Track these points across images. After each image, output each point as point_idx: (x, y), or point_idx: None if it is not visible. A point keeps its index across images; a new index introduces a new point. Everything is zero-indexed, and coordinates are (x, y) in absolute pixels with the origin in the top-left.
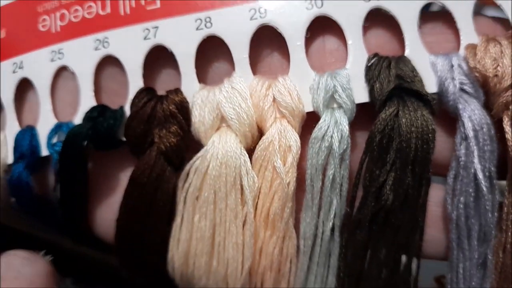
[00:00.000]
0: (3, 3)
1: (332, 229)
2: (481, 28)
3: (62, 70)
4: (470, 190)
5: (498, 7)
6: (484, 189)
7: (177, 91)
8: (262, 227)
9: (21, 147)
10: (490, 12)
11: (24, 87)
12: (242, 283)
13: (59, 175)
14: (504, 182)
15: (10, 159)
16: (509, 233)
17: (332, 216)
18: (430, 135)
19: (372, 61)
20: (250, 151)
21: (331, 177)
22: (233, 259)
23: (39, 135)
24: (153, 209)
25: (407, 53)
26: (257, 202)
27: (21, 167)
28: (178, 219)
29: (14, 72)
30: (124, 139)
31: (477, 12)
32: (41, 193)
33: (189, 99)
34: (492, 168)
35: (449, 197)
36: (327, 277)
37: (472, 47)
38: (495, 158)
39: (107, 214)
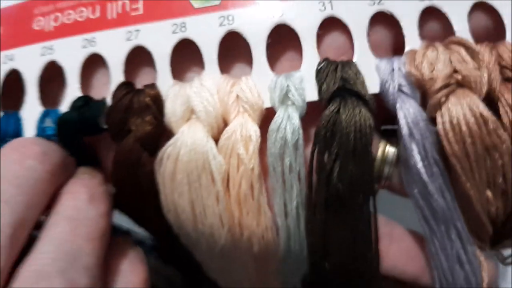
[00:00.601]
0: (3, 5)
1: (297, 207)
2: (426, 33)
3: (51, 64)
4: (417, 178)
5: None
6: (425, 178)
7: (153, 85)
8: (236, 205)
9: (6, 130)
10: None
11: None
12: (225, 237)
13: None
14: None
15: None
16: (469, 211)
17: (294, 196)
18: (368, 129)
19: (322, 65)
20: (217, 141)
21: (287, 163)
22: (214, 223)
23: (23, 120)
24: (139, 185)
25: (356, 57)
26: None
27: None
28: (161, 196)
29: (4, 63)
30: (105, 126)
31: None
32: None
33: (163, 93)
34: (436, 156)
35: (407, 187)
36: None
37: (412, 53)
38: (438, 148)
39: None
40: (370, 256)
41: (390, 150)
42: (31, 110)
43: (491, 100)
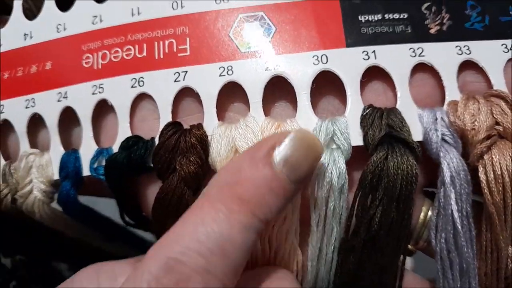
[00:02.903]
0: (49, 37)
1: (333, 252)
2: (464, 86)
3: (102, 103)
4: (449, 227)
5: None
6: (459, 227)
7: (199, 126)
8: (267, 245)
9: (67, 168)
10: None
11: (67, 114)
12: None
13: (110, 188)
14: None
15: (55, 175)
16: (489, 264)
17: (333, 240)
18: (413, 178)
19: (367, 111)
20: None
21: (331, 207)
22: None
23: (81, 157)
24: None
25: (398, 105)
26: None
27: (68, 186)
28: None
29: (59, 101)
30: (152, 165)
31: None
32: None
33: (209, 133)
34: (469, 209)
35: (433, 232)
36: None
37: (453, 103)
38: (471, 200)
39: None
40: None
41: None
42: (87, 148)
43: None
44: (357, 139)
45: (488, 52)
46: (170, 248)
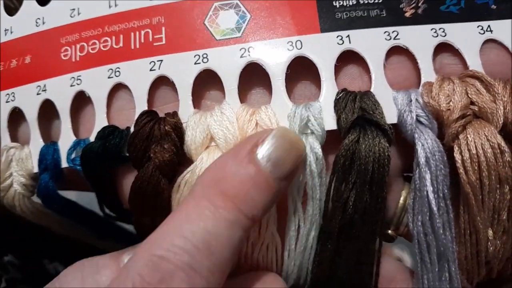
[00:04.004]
0: (29, 31)
1: (312, 238)
2: (441, 68)
3: (82, 95)
4: (425, 209)
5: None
6: (435, 208)
7: (174, 114)
8: None
9: (46, 160)
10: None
11: (47, 107)
12: None
13: (87, 179)
14: None
15: (35, 169)
16: (468, 247)
17: (313, 228)
18: (385, 160)
19: (340, 94)
20: None
21: (310, 194)
22: None
23: (60, 149)
24: (155, 211)
25: (372, 88)
26: None
27: (47, 178)
28: None
29: (38, 94)
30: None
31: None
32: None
33: (185, 121)
34: (446, 190)
35: (410, 216)
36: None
37: (428, 85)
38: (448, 181)
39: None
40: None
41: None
42: (66, 140)
43: (507, 133)
44: (332, 124)
45: (464, 34)
46: (155, 245)
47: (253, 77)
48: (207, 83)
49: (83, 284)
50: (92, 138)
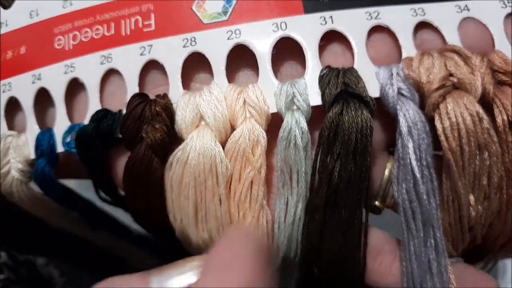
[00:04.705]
0: (23, 23)
1: (300, 210)
2: (422, 44)
3: (76, 83)
4: (409, 177)
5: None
6: (418, 176)
7: (164, 95)
8: (237, 207)
9: (42, 146)
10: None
11: (42, 95)
12: None
13: (82, 162)
14: None
15: (32, 155)
16: (451, 213)
17: (300, 199)
18: (368, 130)
19: (324, 71)
20: (224, 145)
21: (297, 168)
22: (214, 227)
23: (55, 135)
24: (148, 191)
25: (355, 64)
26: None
27: (43, 163)
28: (168, 200)
29: (33, 82)
30: (120, 136)
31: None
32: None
33: (175, 103)
34: (429, 159)
35: (395, 184)
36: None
37: (409, 59)
38: (432, 150)
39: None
40: (358, 259)
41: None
42: (61, 125)
43: (485, 103)
44: (317, 99)
45: (442, 13)
46: None
47: (241, 58)
48: (196, 66)
49: None
50: (86, 123)
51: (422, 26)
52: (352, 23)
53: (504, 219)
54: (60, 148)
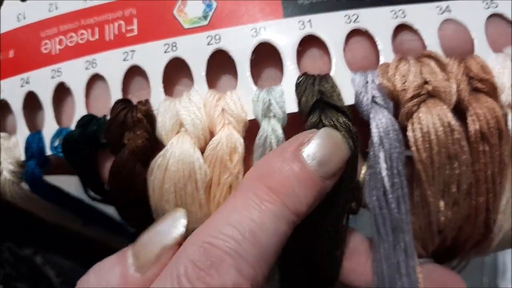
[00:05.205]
0: (12, 26)
1: None
2: (401, 44)
3: (61, 85)
4: (379, 186)
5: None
6: (387, 186)
7: (146, 101)
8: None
9: (31, 148)
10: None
11: (32, 98)
12: None
13: (70, 165)
14: None
15: (23, 156)
16: (421, 218)
17: None
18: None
19: (301, 79)
20: (203, 151)
21: None
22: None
23: (44, 137)
24: (132, 193)
25: (332, 71)
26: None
27: (33, 164)
28: (151, 202)
29: (22, 86)
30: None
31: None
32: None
33: (156, 108)
34: (400, 167)
35: (367, 191)
36: None
37: (385, 66)
38: (404, 158)
39: None
40: (335, 259)
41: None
42: (49, 128)
43: (460, 110)
44: (294, 106)
45: (423, 15)
46: (205, 233)
47: (222, 63)
48: (180, 69)
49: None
50: (72, 126)
51: (403, 27)
52: (331, 27)
53: (473, 222)
54: (48, 152)
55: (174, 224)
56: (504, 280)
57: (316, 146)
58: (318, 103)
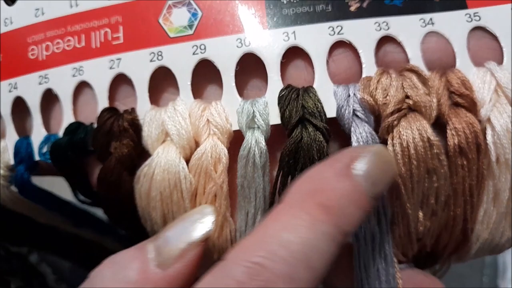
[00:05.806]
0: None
1: (258, 220)
2: (384, 56)
3: (49, 91)
4: None
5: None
6: None
7: (132, 110)
8: None
9: (20, 153)
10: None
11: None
12: None
13: (59, 171)
14: None
15: (12, 161)
16: (401, 227)
17: (259, 214)
18: (324, 156)
19: (284, 92)
20: (188, 161)
21: (255, 184)
22: None
23: (33, 143)
24: (120, 200)
25: (315, 83)
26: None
27: (22, 169)
28: (138, 208)
29: (10, 91)
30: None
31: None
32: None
33: (142, 117)
34: None
35: None
36: None
37: (366, 79)
38: None
39: None
40: None
41: None
42: (37, 134)
43: (441, 124)
44: (277, 118)
45: (406, 27)
46: (252, 252)
47: (208, 72)
48: (166, 77)
49: (114, 282)
50: (60, 133)
51: (387, 38)
52: (314, 38)
53: (451, 231)
54: (37, 157)
55: (202, 220)
56: (504, 280)
57: (371, 165)
58: (300, 120)
